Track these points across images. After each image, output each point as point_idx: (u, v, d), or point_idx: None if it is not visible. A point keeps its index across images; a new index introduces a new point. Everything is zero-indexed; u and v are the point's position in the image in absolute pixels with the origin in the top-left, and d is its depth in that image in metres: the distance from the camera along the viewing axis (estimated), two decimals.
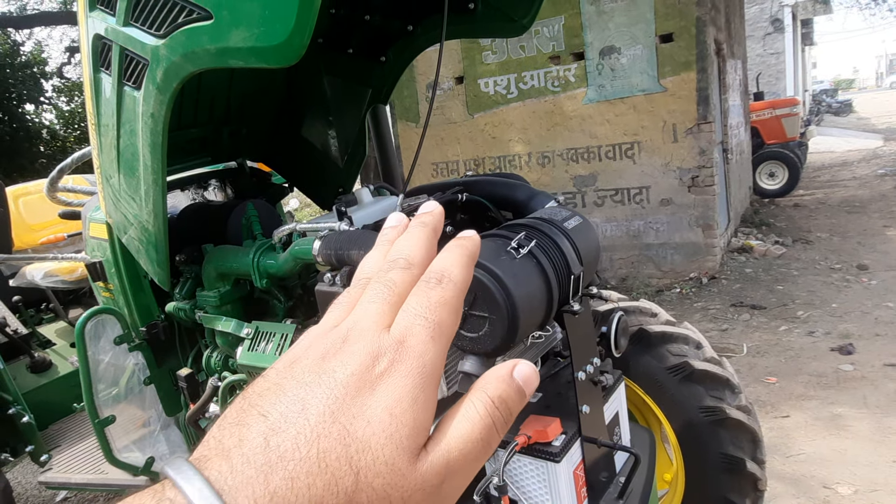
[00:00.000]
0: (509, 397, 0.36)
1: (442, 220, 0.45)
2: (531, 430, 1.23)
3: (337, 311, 0.39)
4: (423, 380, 0.34)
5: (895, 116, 21.88)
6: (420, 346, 0.34)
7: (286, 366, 0.34)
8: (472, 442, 0.34)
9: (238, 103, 1.94)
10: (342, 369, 0.32)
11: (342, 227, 1.27)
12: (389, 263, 0.39)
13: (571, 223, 1.27)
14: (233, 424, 0.31)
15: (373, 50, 1.78)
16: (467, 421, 0.34)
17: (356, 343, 0.34)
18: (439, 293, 0.37)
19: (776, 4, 15.84)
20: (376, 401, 0.32)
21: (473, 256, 0.41)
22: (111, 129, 1.44)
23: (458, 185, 1.52)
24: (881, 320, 4.61)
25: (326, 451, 0.29)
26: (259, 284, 1.46)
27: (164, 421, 1.94)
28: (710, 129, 5.90)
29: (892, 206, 8.29)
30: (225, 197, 2.09)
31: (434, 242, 0.43)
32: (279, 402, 0.31)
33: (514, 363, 0.37)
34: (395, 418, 0.31)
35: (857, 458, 3.00)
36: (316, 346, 0.35)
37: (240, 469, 0.28)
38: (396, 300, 0.37)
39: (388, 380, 0.33)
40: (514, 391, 0.36)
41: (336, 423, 0.30)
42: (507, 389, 0.36)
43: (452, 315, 0.37)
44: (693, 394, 2.03)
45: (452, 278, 0.38)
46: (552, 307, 1.15)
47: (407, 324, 0.35)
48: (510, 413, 0.36)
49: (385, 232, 0.45)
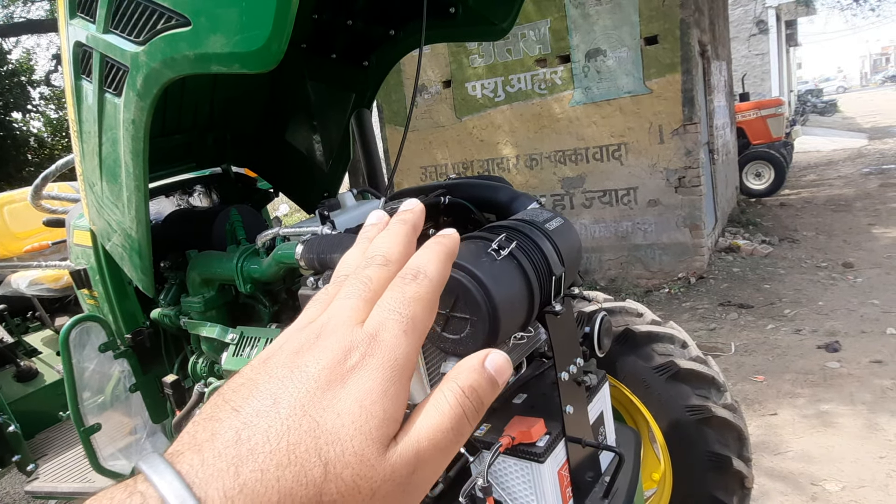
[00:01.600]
0: (480, 387, 0.36)
1: (422, 218, 0.45)
2: (515, 431, 1.23)
3: (313, 308, 0.39)
4: (394, 373, 0.34)
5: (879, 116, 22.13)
6: (392, 339, 0.34)
7: (260, 362, 0.34)
8: (443, 432, 0.34)
9: (222, 109, 1.94)
10: (314, 364, 0.33)
11: (325, 231, 1.27)
12: (367, 260, 0.40)
13: (553, 224, 1.28)
14: (206, 419, 0.32)
15: (356, 55, 1.79)
16: (437, 411, 0.34)
17: (329, 338, 0.34)
18: (414, 288, 0.37)
19: (760, 6, 16.00)
20: (347, 393, 0.32)
21: (451, 254, 0.41)
22: (93, 136, 1.43)
23: (441, 187, 1.53)
24: (867, 317, 4.66)
25: (296, 444, 0.30)
26: (243, 289, 1.46)
27: (150, 428, 1.93)
28: (695, 130, 5.95)
29: (876, 204, 8.39)
30: (210, 203, 2.09)
31: (413, 239, 0.43)
32: (252, 397, 0.32)
33: (486, 353, 0.37)
34: (365, 410, 0.32)
35: (844, 455, 3.03)
36: (290, 342, 0.35)
37: (210, 462, 0.29)
38: (371, 296, 0.37)
39: (359, 373, 0.33)
40: (485, 381, 0.36)
41: (306, 415, 0.31)
42: (479, 379, 0.36)
43: (427, 310, 0.37)
44: (679, 393, 2.05)
45: (428, 274, 0.38)
46: (534, 308, 1.16)
47: (380, 318, 0.35)
48: (481, 403, 0.36)
49: (366, 229, 0.45)
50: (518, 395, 1.43)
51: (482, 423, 1.35)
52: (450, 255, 0.41)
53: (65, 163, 1.97)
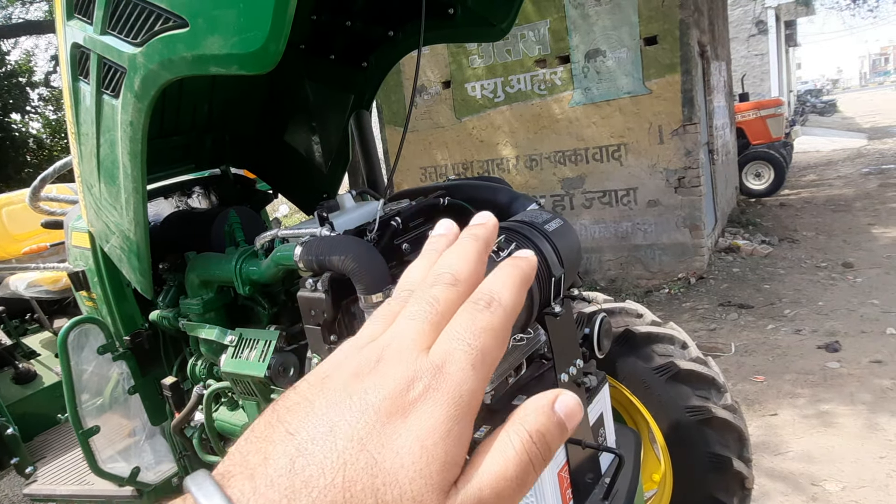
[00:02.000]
0: (549, 432, 0.33)
1: (495, 233, 0.42)
2: None
3: (374, 324, 0.37)
4: (458, 410, 0.31)
5: (878, 116, 22.14)
6: (460, 373, 0.32)
7: (318, 380, 0.33)
8: (507, 480, 0.31)
9: (220, 110, 1.93)
10: (374, 392, 0.31)
11: (323, 233, 1.27)
12: (434, 277, 0.37)
13: (552, 225, 1.27)
14: (259, 440, 0.30)
15: (354, 56, 1.79)
16: (502, 457, 0.32)
17: (391, 364, 0.32)
18: (487, 318, 0.34)
19: (759, 6, 16.01)
20: (408, 430, 0.30)
21: (528, 280, 0.38)
22: (91, 138, 1.43)
23: (441, 189, 1.53)
24: (867, 317, 4.66)
25: (352, 482, 0.28)
26: (242, 291, 1.46)
27: (149, 430, 1.93)
28: (695, 131, 5.95)
29: (876, 204, 8.39)
30: (209, 204, 2.08)
31: (485, 258, 0.39)
32: (307, 420, 0.30)
33: (556, 393, 0.34)
34: (426, 451, 0.30)
35: (844, 455, 3.02)
36: (349, 363, 0.33)
37: (262, 491, 0.28)
38: (439, 319, 0.35)
39: (421, 407, 0.31)
40: (554, 426, 0.33)
41: (364, 450, 0.29)
42: (548, 423, 0.33)
43: (498, 343, 0.34)
44: (679, 394, 2.04)
45: (503, 302, 0.35)
46: (533, 309, 1.16)
47: (448, 348, 0.33)
48: (549, 450, 0.33)
49: (433, 240, 0.42)
50: (517, 396, 1.42)
51: (481, 425, 1.34)
52: (527, 281, 0.38)
53: (63, 164, 1.96)
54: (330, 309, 1.20)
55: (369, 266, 1.15)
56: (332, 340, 1.23)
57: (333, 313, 1.21)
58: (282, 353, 1.45)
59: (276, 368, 1.44)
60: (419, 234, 1.41)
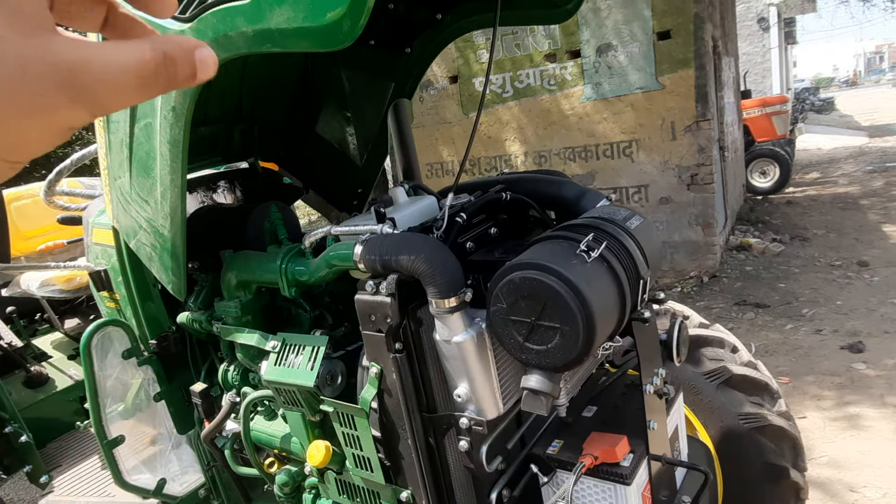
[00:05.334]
0: (181, 67, 0.35)
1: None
2: (597, 450, 1.13)
3: None
4: None
5: (877, 114, 22.16)
6: None
7: None
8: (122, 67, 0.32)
9: (250, 99, 1.81)
10: None
11: (385, 230, 1.16)
12: None
13: (634, 223, 1.17)
14: None
15: (397, 40, 1.67)
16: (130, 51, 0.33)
17: None
18: None
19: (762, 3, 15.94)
20: None
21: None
22: (122, 126, 1.32)
23: (499, 183, 1.42)
24: (888, 317, 4.58)
25: None
26: (287, 293, 1.34)
27: (175, 439, 1.81)
28: (708, 127, 5.86)
29: (885, 202, 8.33)
30: (234, 199, 1.97)
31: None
32: None
33: (199, 44, 0.36)
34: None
35: (881, 461, 2.94)
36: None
37: None
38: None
39: None
40: (188, 65, 0.35)
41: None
42: (184, 59, 0.35)
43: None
44: (731, 400, 1.95)
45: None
46: (625, 315, 1.05)
47: None
48: (170, 83, 0.35)
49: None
50: (587, 407, 1.32)
51: (553, 440, 1.24)
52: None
53: (81, 156, 1.84)
54: (396, 314, 1.09)
55: (443, 267, 1.05)
56: (397, 349, 1.12)
57: (400, 319, 1.10)
58: (329, 359, 1.34)
59: (324, 377, 1.33)
60: (482, 231, 1.30)
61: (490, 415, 1.12)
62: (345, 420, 1.29)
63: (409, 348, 1.13)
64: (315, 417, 1.38)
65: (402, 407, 1.15)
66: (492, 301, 1.02)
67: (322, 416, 1.38)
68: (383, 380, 1.18)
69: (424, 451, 1.18)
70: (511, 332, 1.02)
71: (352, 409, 1.26)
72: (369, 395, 1.21)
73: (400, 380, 1.13)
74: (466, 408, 1.13)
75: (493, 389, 1.12)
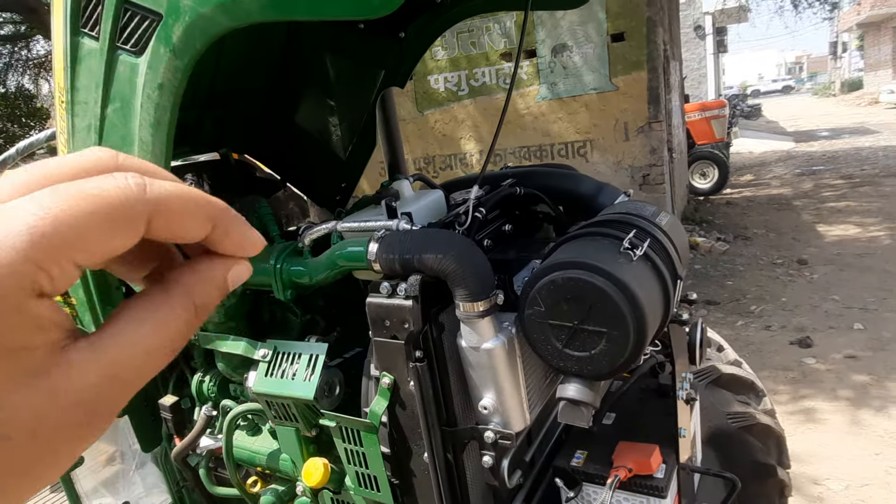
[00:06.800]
0: (213, 303, 0.32)
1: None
2: (630, 461, 1.06)
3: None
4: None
5: (801, 120, 23.44)
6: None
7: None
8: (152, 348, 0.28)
9: (224, 84, 1.66)
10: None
11: (402, 227, 1.05)
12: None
13: (664, 219, 1.11)
14: None
15: (390, 24, 1.56)
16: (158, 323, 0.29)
17: None
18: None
19: (698, 12, 16.56)
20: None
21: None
22: (91, 108, 1.15)
23: (508, 177, 1.34)
24: (831, 313, 4.78)
25: None
26: (283, 297, 1.21)
27: (140, 458, 1.64)
28: (660, 128, 5.99)
29: (816, 203, 8.77)
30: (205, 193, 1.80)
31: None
32: None
33: (229, 265, 0.33)
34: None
35: (839, 453, 3.03)
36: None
37: None
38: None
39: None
40: (220, 296, 0.32)
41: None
42: (217, 296, 0.32)
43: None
44: (720, 399, 1.94)
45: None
46: (668, 317, 0.99)
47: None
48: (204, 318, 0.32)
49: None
50: (606, 414, 1.26)
51: (576, 451, 1.17)
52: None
53: (28, 145, 1.64)
54: (418, 319, 0.99)
55: (474, 267, 0.95)
56: (417, 357, 1.02)
57: (422, 324, 1.00)
58: (326, 369, 1.22)
59: (321, 388, 1.21)
60: (497, 227, 1.21)
61: (517, 427, 1.03)
62: (349, 435, 1.18)
63: (429, 357, 1.03)
64: (311, 433, 1.26)
65: (420, 421, 1.05)
66: (527, 304, 0.94)
67: (319, 430, 1.26)
68: (397, 391, 1.08)
69: (443, 468, 1.08)
70: (549, 338, 0.93)
71: (358, 423, 1.14)
72: (380, 409, 1.10)
73: (420, 391, 1.03)
74: (491, 420, 1.04)
75: (521, 400, 1.03)
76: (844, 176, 10.56)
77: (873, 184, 9.47)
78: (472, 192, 1.10)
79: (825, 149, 14.55)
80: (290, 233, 1.47)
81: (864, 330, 4.36)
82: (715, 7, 16.66)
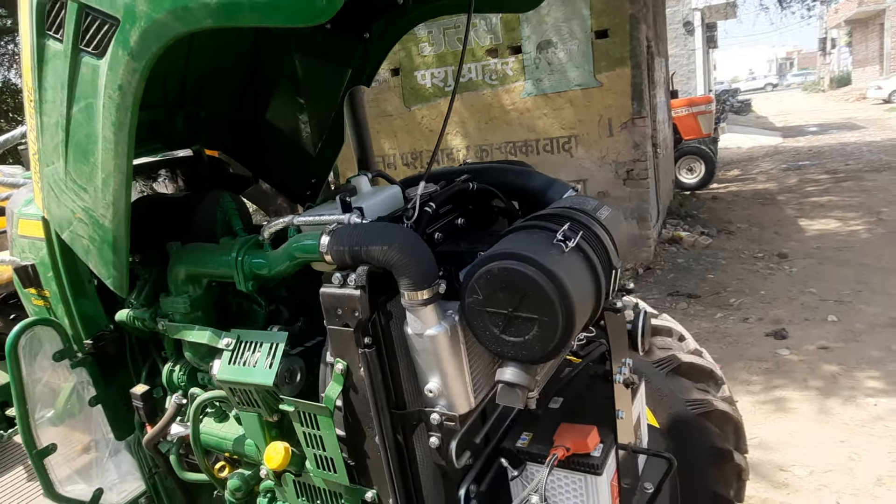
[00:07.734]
0: None
1: None
2: (569, 441, 1.12)
3: None
4: None
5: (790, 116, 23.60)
6: None
7: None
8: None
9: (195, 83, 1.71)
10: None
11: (353, 220, 1.11)
12: None
13: (604, 213, 1.17)
14: None
15: (355, 25, 1.62)
16: None
17: None
18: None
19: (687, 8, 16.63)
20: None
21: None
22: (58, 107, 1.20)
23: (464, 172, 1.40)
24: (807, 305, 4.87)
25: None
26: (244, 288, 1.27)
27: (113, 446, 1.69)
28: (643, 124, 6.05)
29: (799, 198, 8.87)
30: (177, 189, 1.86)
31: None
32: None
33: None
34: None
35: (806, 440, 3.12)
36: None
37: None
38: None
39: None
40: None
41: None
42: None
43: None
44: (679, 387, 2.01)
45: None
46: (599, 305, 1.05)
47: None
48: None
49: None
50: (553, 398, 1.32)
51: (522, 433, 1.23)
52: None
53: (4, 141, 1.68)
54: (366, 307, 1.05)
55: (418, 258, 1.01)
56: (366, 343, 1.08)
57: (370, 313, 1.06)
58: (288, 356, 1.28)
59: (283, 375, 1.27)
60: (449, 221, 1.27)
61: (462, 409, 1.10)
62: (306, 420, 1.24)
63: (378, 343, 1.09)
64: (273, 418, 1.32)
65: (370, 404, 1.11)
66: (467, 292, 1.00)
67: (280, 416, 1.32)
68: (349, 376, 1.14)
69: (393, 449, 1.14)
70: (487, 324, 0.99)
71: (315, 407, 1.20)
72: (334, 393, 1.16)
73: (369, 376, 1.09)
74: (437, 403, 1.10)
75: (465, 383, 1.09)
76: (829, 171, 10.68)
77: (856, 179, 9.59)
78: (419, 188, 1.16)
79: (812, 144, 14.69)
80: (256, 227, 1.53)
81: (837, 322, 4.46)
82: (703, 2, 16.73)
